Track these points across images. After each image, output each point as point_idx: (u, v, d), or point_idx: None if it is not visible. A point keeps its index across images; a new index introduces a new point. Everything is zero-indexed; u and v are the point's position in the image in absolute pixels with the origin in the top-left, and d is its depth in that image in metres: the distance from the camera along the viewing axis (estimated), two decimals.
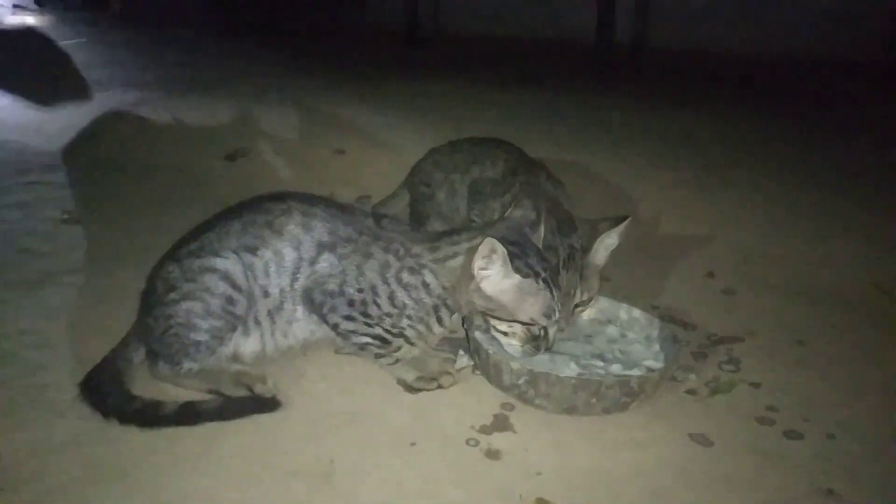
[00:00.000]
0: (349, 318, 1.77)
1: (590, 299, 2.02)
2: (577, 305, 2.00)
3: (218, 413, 1.64)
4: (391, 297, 1.77)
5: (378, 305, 1.77)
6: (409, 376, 1.82)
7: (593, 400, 1.65)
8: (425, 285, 1.77)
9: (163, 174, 3.50)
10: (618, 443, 1.67)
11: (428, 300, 1.78)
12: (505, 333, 1.72)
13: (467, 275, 1.72)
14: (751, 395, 1.90)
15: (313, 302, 1.78)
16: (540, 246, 1.79)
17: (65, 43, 6.44)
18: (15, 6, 9.24)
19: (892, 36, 6.53)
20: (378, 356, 1.82)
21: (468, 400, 1.80)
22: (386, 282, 1.77)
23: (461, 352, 2.00)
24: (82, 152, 3.77)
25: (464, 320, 1.89)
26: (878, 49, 6.51)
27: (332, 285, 1.77)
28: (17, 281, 2.27)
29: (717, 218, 3.00)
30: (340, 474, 1.50)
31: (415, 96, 4.54)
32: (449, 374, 1.84)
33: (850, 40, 6.67)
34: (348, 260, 1.77)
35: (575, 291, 1.96)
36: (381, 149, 3.65)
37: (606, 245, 2.03)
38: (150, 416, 1.61)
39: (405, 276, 1.77)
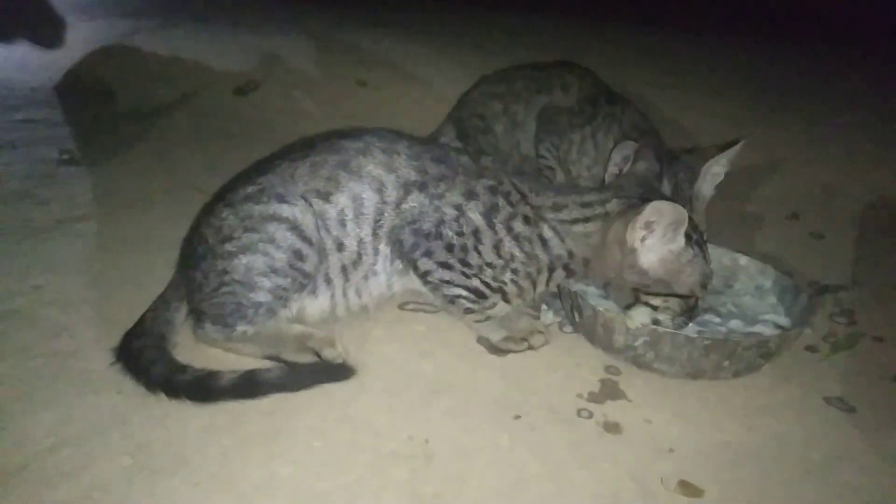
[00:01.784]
0: (445, 265, 1.51)
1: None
2: None
3: (283, 384, 1.38)
4: (497, 247, 1.50)
5: (480, 253, 1.50)
6: (496, 336, 1.57)
7: (726, 363, 1.42)
8: (542, 241, 1.51)
9: (165, 110, 3.18)
10: (749, 411, 1.44)
11: (544, 257, 1.52)
12: (656, 308, 1.46)
13: (611, 247, 1.45)
14: (877, 352, 1.69)
15: (402, 244, 1.51)
16: None
17: None
18: None
19: None
20: (468, 311, 1.57)
21: (565, 363, 1.56)
22: (492, 227, 1.50)
23: (544, 306, 1.75)
24: (73, 87, 3.42)
25: None
26: None
27: (428, 225, 1.50)
28: (23, 229, 1.97)
29: (791, 153, 2.74)
30: (442, 455, 1.26)
31: (437, 25, 4.17)
32: (540, 332, 1.60)
33: None
34: (444, 200, 1.50)
35: None
36: (406, 80, 3.32)
37: (713, 174, 1.79)
38: (204, 388, 1.35)
39: (518, 225, 1.50)
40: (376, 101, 3.20)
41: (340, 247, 1.49)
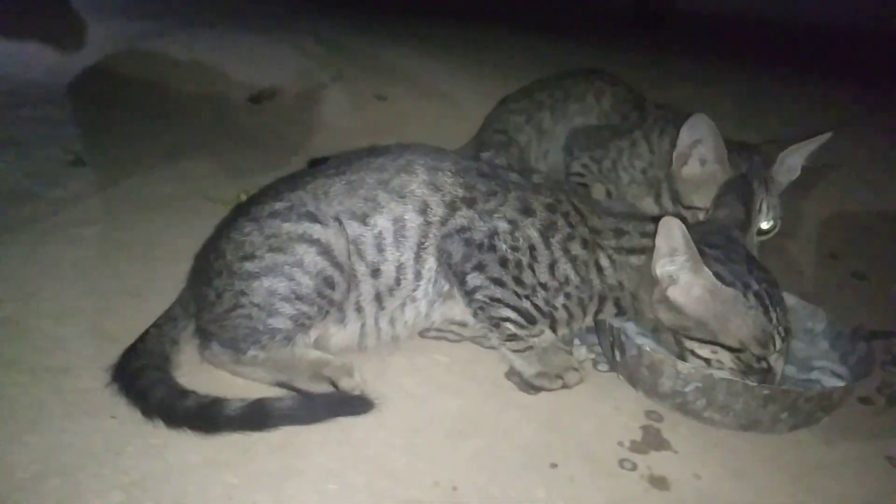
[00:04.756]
0: (498, 282, 1.38)
1: (775, 226, 1.70)
2: (760, 233, 1.69)
3: (296, 415, 1.25)
4: (552, 267, 1.38)
5: (534, 272, 1.38)
6: (531, 370, 1.44)
7: (784, 415, 1.29)
8: (598, 268, 1.39)
9: (178, 116, 3.07)
10: (806, 468, 1.31)
11: (598, 285, 1.40)
12: (708, 362, 1.31)
13: (649, 280, 1.33)
14: None
15: (451, 256, 1.37)
16: (754, 252, 1.43)
17: None
18: None
19: None
20: (511, 338, 1.43)
21: (602, 406, 1.42)
22: (548, 246, 1.38)
23: (577, 341, 1.62)
24: (84, 87, 3.31)
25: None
26: None
27: (480, 235, 1.37)
28: (19, 231, 1.85)
29: (825, 188, 2.62)
30: None
31: (457, 42, 4.08)
32: (575, 370, 1.47)
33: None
34: (496, 214, 1.38)
35: (761, 205, 1.65)
36: (428, 97, 3.22)
37: (788, 166, 1.69)
38: (208, 417, 1.22)
39: (575, 248, 1.38)
40: (396, 116, 3.09)
41: (376, 273, 1.37)
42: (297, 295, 1.30)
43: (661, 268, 1.30)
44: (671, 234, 1.26)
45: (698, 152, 1.70)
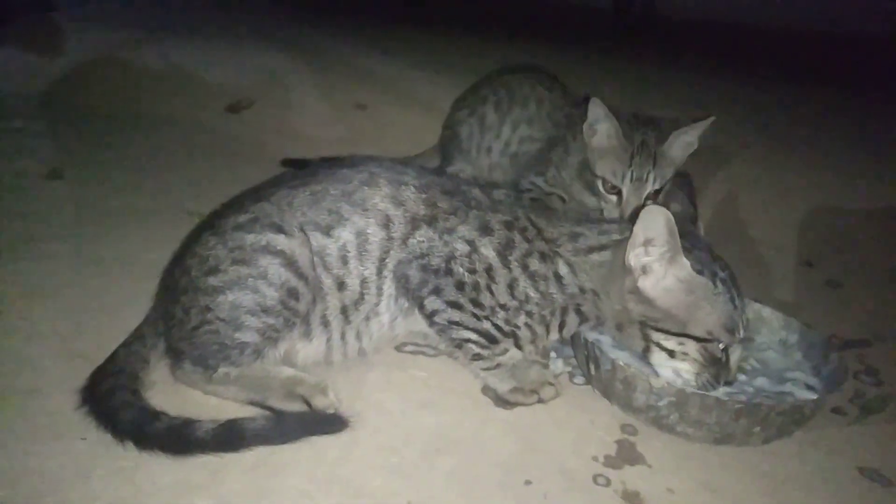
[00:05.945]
0: (455, 305, 1.38)
1: (662, 188, 1.87)
2: (648, 197, 1.86)
3: (268, 435, 1.24)
4: (511, 286, 1.38)
5: (492, 293, 1.38)
6: (505, 386, 1.44)
7: (756, 428, 1.30)
8: (558, 278, 1.39)
9: (155, 126, 3.04)
10: (778, 481, 1.32)
11: (559, 298, 1.40)
12: (672, 353, 1.32)
13: (618, 273, 1.33)
14: None
15: (409, 280, 1.38)
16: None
17: None
18: None
19: None
20: (476, 358, 1.44)
21: (578, 421, 1.43)
22: (507, 265, 1.38)
23: (553, 354, 1.63)
24: (61, 99, 3.28)
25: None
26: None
27: (437, 260, 1.37)
28: None
29: (806, 200, 2.65)
30: None
31: (441, 50, 4.08)
32: (550, 384, 1.47)
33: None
34: (455, 234, 1.38)
35: (647, 175, 1.84)
36: (408, 105, 3.22)
37: (682, 142, 1.88)
38: (180, 439, 1.21)
39: (533, 263, 1.39)
40: (375, 125, 3.09)
41: (342, 286, 1.36)
42: (263, 307, 1.29)
43: (636, 258, 1.30)
44: (653, 222, 1.26)
45: (604, 127, 1.90)
